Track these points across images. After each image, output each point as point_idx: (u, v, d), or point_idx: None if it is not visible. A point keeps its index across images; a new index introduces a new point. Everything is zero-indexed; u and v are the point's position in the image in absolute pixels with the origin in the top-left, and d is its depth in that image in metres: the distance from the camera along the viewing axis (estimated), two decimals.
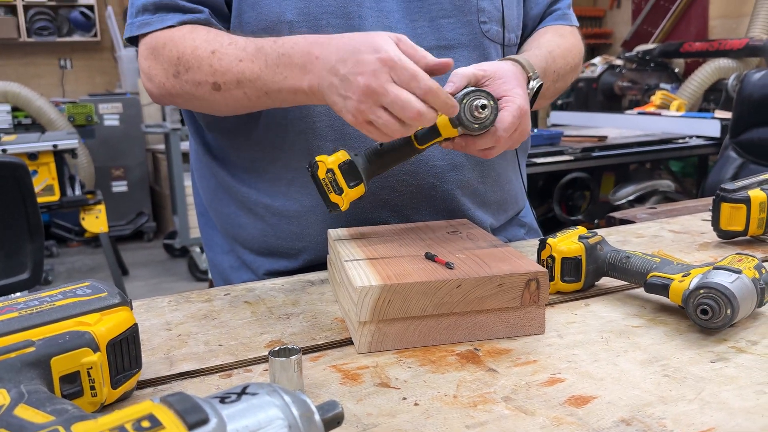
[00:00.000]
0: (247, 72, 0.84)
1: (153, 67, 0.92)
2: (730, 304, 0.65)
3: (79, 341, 0.52)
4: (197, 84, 0.88)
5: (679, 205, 1.35)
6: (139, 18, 0.94)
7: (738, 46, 3.58)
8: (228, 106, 0.90)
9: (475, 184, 1.01)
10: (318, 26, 0.90)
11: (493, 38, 0.99)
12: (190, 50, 0.87)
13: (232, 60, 0.85)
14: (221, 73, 0.85)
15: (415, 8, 0.94)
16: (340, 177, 0.79)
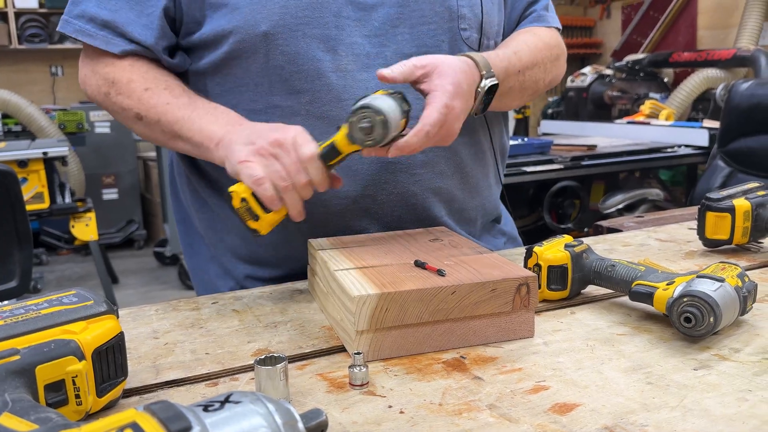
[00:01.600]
0: (170, 115, 0.91)
1: (89, 77, 0.98)
2: (713, 312, 0.66)
3: (64, 349, 0.52)
4: (123, 108, 0.95)
5: (666, 213, 1.36)
6: (82, 24, 0.95)
7: (726, 57, 3.62)
8: (145, 135, 0.98)
9: (454, 191, 1.01)
10: (294, 38, 0.89)
11: (472, 45, 0.98)
12: (125, 81, 0.94)
13: (161, 101, 0.92)
14: (146, 108, 0.93)
15: (396, 15, 0.94)
16: (254, 204, 0.79)
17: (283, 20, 0.89)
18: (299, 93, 0.91)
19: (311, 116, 0.92)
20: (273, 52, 0.90)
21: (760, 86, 2.54)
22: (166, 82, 0.94)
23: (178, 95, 0.92)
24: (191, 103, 0.91)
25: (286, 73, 0.91)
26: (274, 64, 0.91)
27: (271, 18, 0.89)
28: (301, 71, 0.91)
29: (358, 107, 0.77)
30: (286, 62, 0.90)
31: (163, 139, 0.95)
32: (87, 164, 4.90)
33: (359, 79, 0.91)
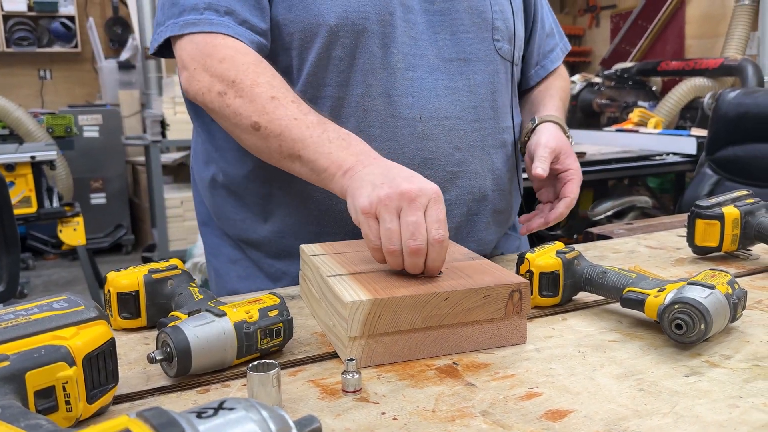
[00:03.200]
0: (295, 131, 0.84)
1: (199, 73, 0.90)
2: (704, 318, 0.67)
3: (54, 355, 0.51)
4: (238, 114, 0.87)
5: (656, 221, 1.37)
6: (185, 17, 0.90)
7: (713, 66, 3.66)
8: (254, 147, 0.90)
9: (486, 191, 1.04)
10: (357, 32, 0.92)
11: (504, 55, 1.04)
12: (250, 83, 0.87)
13: (287, 114, 0.85)
14: (269, 118, 0.85)
15: (438, 21, 0.99)
16: (115, 303, 0.76)
17: (346, 13, 0.92)
18: (352, 85, 0.94)
19: (359, 108, 0.95)
20: (334, 43, 0.92)
21: (747, 95, 2.57)
22: (293, 94, 0.88)
23: (306, 112, 0.86)
24: (321, 123, 0.85)
25: (343, 64, 0.94)
26: (333, 55, 0.93)
27: (336, 10, 0.91)
28: (356, 64, 0.94)
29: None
30: (345, 54, 0.93)
31: (276, 156, 0.88)
32: (75, 168, 4.86)
33: (406, 78, 0.96)
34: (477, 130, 1.01)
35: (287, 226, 1.00)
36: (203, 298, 0.73)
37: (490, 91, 1.02)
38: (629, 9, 4.63)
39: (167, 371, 0.64)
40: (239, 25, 0.90)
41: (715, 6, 4.06)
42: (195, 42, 0.90)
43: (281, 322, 0.68)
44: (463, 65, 1.00)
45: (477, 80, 1.01)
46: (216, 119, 0.93)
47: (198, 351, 0.62)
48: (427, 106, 0.96)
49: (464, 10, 0.99)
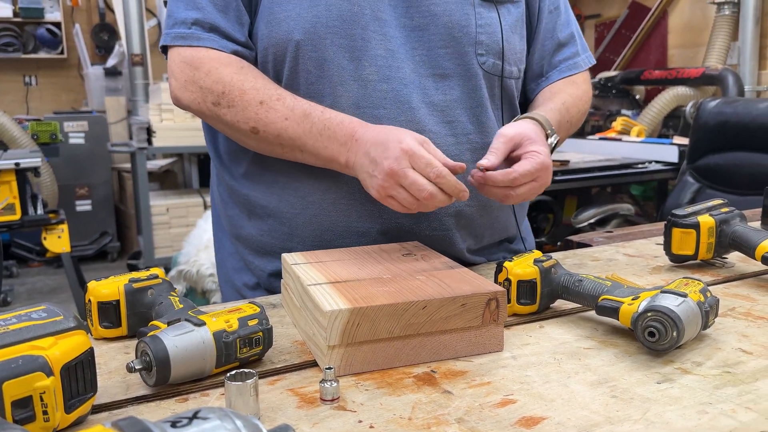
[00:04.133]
0: (290, 131, 0.93)
1: (190, 87, 0.98)
2: (676, 326, 0.68)
3: (32, 365, 0.51)
4: (236, 121, 0.95)
5: (635, 229, 1.39)
6: (175, 30, 0.99)
7: (695, 75, 3.71)
8: (258, 148, 0.99)
9: (460, 206, 1.04)
10: (323, 46, 0.95)
11: (489, 70, 1.04)
12: (238, 92, 0.94)
13: (278, 116, 0.93)
14: (264, 124, 0.94)
15: (415, 37, 1.00)
16: (95, 313, 0.77)
17: (314, 29, 0.95)
18: (321, 96, 0.97)
19: None
20: (302, 57, 0.96)
21: (727, 105, 2.61)
22: (276, 91, 0.95)
23: (292, 107, 0.93)
24: (306, 116, 0.93)
25: (312, 77, 0.97)
26: (302, 68, 0.97)
27: (304, 27, 0.95)
28: (325, 77, 0.96)
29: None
30: (313, 67, 0.97)
31: (281, 153, 0.97)
32: (60, 175, 4.83)
33: (378, 89, 0.97)
34: (454, 144, 1.01)
35: (266, 225, 1.04)
36: (183, 307, 0.74)
37: (470, 105, 1.03)
38: (613, 18, 4.69)
39: (146, 380, 0.64)
40: (222, 38, 0.98)
41: (697, 16, 4.12)
42: (182, 55, 0.99)
43: (261, 332, 0.68)
44: (439, 80, 1.00)
45: (454, 95, 1.01)
46: (214, 126, 1.02)
47: (177, 360, 0.63)
48: (398, 118, 0.97)
49: (443, 25, 0.99)
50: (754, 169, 2.45)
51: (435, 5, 0.99)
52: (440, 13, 0.99)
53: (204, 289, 3.04)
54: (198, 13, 0.97)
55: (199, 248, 3.11)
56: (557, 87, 1.13)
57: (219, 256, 1.18)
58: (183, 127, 4.28)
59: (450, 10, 1.00)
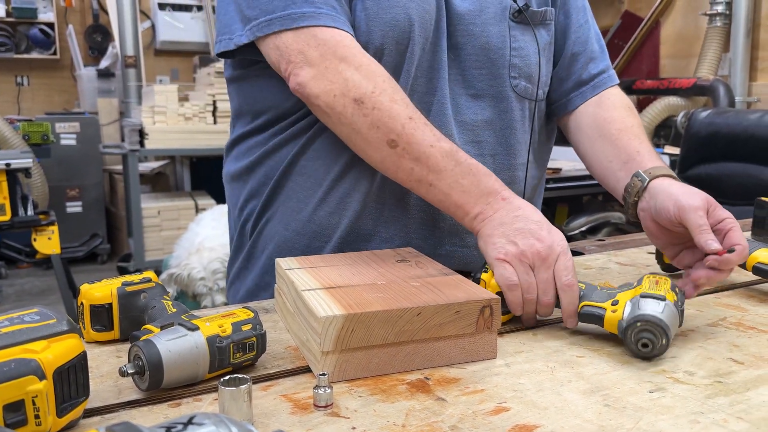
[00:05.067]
0: (432, 160, 0.86)
1: (330, 76, 0.87)
2: (665, 334, 0.69)
3: (24, 369, 0.51)
4: (376, 127, 0.86)
5: (627, 237, 1.40)
6: (297, 9, 0.87)
7: (687, 85, 3.74)
8: (377, 159, 0.89)
9: None
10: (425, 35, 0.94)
11: (521, 93, 1.04)
12: (388, 99, 0.86)
13: (424, 139, 0.86)
14: (407, 141, 0.86)
15: (453, 55, 1.00)
16: (87, 316, 0.76)
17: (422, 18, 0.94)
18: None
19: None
20: (414, 43, 0.94)
21: (718, 115, 2.64)
22: (424, 117, 0.89)
23: (439, 138, 0.87)
24: (453, 153, 0.86)
25: (425, 63, 0.96)
26: (411, 54, 0.94)
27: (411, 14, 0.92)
28: (434, 68, 0.96)
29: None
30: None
31: (403, 177, 0.88)
32: (51, 176, 4.81)
33: (425, 102, 0.97)
34: None
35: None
36: (176, 311, 0.73)
37: (501, 127, 1.02)
38: (606, 28, 4.72)
39: (139, 385, 0.64)
40: (347, 23, 0.89)
41: (689, 27, 4.16)
42: (319, 38, 0.87)
43: (254, 337, 0.68)
44: (471, 101, 1.00)
45: (486, 116, 1.01)
46: (335, 125, 0.90)
47: (170, 365, 0.62)
48: None
49: (480, 47, 0.99)
50: (745, 179, 2.47)
51: (473, 25, 0.99)
52: (478, 34, 0.99)
53: (195, 292, 3.02)
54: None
55: (190, 251, 3.10)
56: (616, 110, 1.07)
57: (231, 251, 1.11)
58: (175, 129, 4.26)
59: (487, 32, 0.99)
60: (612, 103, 1.09)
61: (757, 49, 3.74)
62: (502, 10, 1.01)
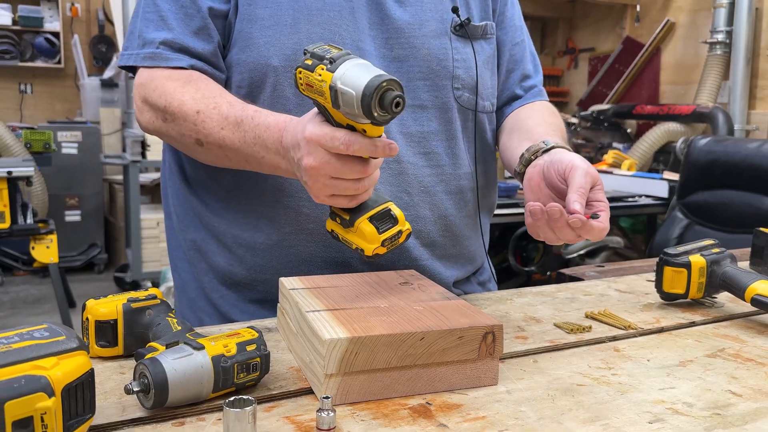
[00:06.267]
0: (228, 141, 0.90)
1: (145, 107, 0.97)
2: None
3: (34, 386, 0.52)
4: (182, 135, 0.94)
5: (626, 264, 1.41)
6: (145, 50, 0.98)
7: (686, 112, 3.77)
8: (211, 160, 0.97)
9: (434, 236, 1.05)
10: None
11: (464, 104, 1.06)
12: (177, 104, 0.92)
13: (214, 126, 0.90)
14: (204, 134, 0.91)
15: (395, 68, 1.01)
16: (92, 331, 0.77)
17: (294, 55, 0.95)
18: None
19: None
20: (281, 83, 0.96)
21: (717, 143, 2.66)
22: (214, 98, 0.91)
23: (226, 114, 0.89)
24: (238, 124, 0.88)
25: (291, 104, 0.97)
26: (280, 95, 0.97)
27: (284, 53, 0.95)
28: (304, 104, 0.96)
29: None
30: (292, 94, 0.97)
31: (230, 164, 0.94)
32: (51, 184, 4.81)
33: None
34: (429, 175, 1.02)
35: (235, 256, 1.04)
36: (181, 329, 0.74)
37: (446, 138, 1.04)
38: (607, 53, 4.77)
39: (143, 403, 0.64)
40: (192, 58, 0.97)
41: (689, 55, 4.20)
42: (142, 77, 0.98)
43: (258, 357, 0.69)
44: (417, 111, 1.02)
45: (432, 127, 1.02)
46: (171, 144, 1.01)
47: (175, 384, 0.63)
48: None
49: (422, 58, 1.01)
50: (743, 208, 2.49)
51: (414, 38, 1.01)
52: (419, 46, 1.01)
53: None
54: (168, 33, 0.96)
55: None
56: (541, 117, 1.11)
57: (179, 280, 1.13)
58: None
59: (429, 44, 1.02)
60: (535, 106, 1.15)
61: (757, 77, 3.77)
62: (443, 23, 1.04)
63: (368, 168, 0.76)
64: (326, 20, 0.97)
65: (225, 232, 1.03)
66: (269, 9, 0.96)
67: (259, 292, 1.03)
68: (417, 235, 1.02)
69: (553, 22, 5.23)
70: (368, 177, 0.77)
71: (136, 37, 0.99)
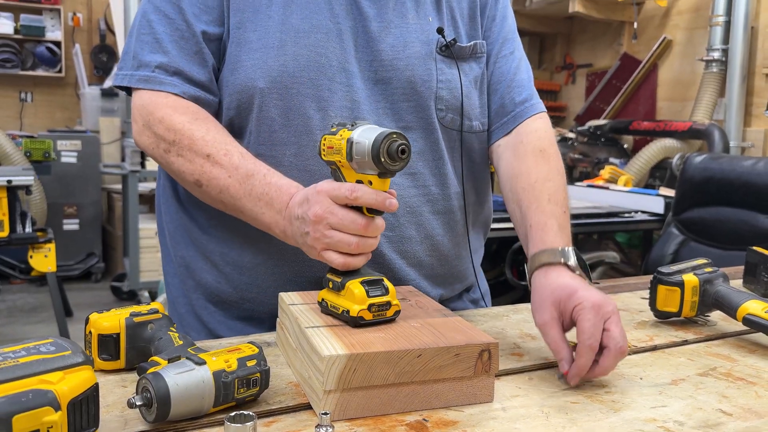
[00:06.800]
0: (232, 190, 0.93)
1: (146, 132, 0.99)
2: None
3: (41, 400, 0.53)
4: (182, 171, 0.96)
5: (621, 281, 1.42)
6: (140, 72, 0.99)
7: (682, 128, 3.80)
8: (201, 197, 0.99)
9: (421, 256, 1.05)
10: (289, 95, 0.97)
11: (447, 125, 1.06)
12: (187, 142, 0.95)
13: (222, 172, 0.93)
14: (207, 178, 0.94)
15: (379, 90, 1.02)
16: (95, 345, 0.79)
17: (280, 77, 0.97)
18: (286, 145, 0.98)
19: (294, 168, 0.98)
20: (266, 105, 0.97)
21: (713, 160, 2.69)
22: (226, 145, 0.94)
23: (237, 165, 0.92)
24: (248, 177, 0.91)
25: (276, 125, 0.98)
26: (266, 116, 0.98)
27: (270, 75, 0.97)
28: (290, 125, 0.98)
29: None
30: (278, 115, 0.98)
31: (224, 209, 0.97)
32: (50, 193, 4.82)
33: None
34: (415, 196, 1.03)
35: (223, 274, 1.06)
36: (183, 344, 0.75)
37: (433, 158, 1.05)
38: (605, 69, 4.81)
39: (145, 417, 0.65)
40: (185, 83, 0.98)
41: (686, 72, 4.24)
42: (143, 99, 0.99)
43: (259, 372, 0.70)
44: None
45: (417, 147, 1.03)
46: (166, 171, 1.02)
47: (177, 398, 0.64)
48: None
49: (406, 80, 1.02)
50: (737, 225, 2.51)
51: (398, 60, 1.02)
52: (403, 68, 1.02)
53: None
54: (163, 56, 0.97)
55: None
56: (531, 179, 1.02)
57: (170, 295, 1.14)
58: None
59: (412, 65, 1.02)
60: (524, 150, 1.06)
61: (752, 95, 3.81)
62: (428, 44, 1.04)
63: (368, 226, 0.79)
64: (313, 42, 0.98)
65: (213, 250, 1.04)
66: (258, 32, 0.98)
67: (246, 310, 1.04)
68: (403, 255, 1.03)
69: (552, 38, 5.28)
70: (365, 239, 0.79)
71: (131, 57, 1.00)
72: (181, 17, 0.98)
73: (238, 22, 0.99)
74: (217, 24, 0.99)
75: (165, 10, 0.99)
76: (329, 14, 0.99)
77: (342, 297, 0.79)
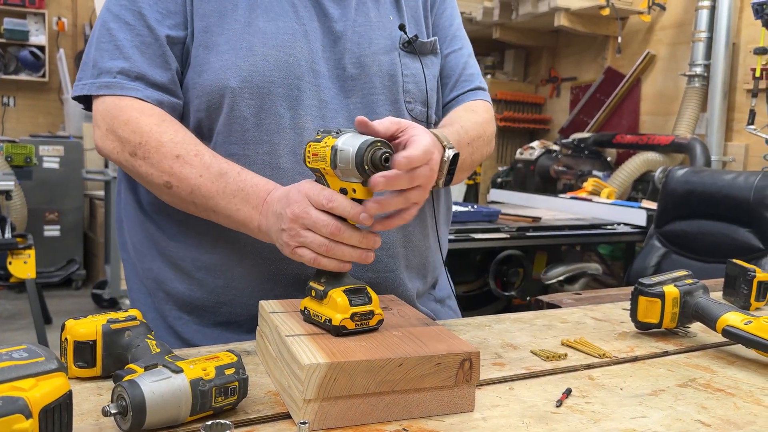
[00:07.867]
0: (203, 189, 0.93)
1: (110, 136, 0.97)
2: None
3: (12, 407, 0.52)
4: (150, 174, 0.95)
5: (603, 292, 1.43)
6: (100, 79, 0.98)
7: (665, 142, 3.84)
8: (172, 202, 0.98)
9: (397, 247, 1.07)
10: (260, 94, 0.98)
11: (416, 117, 1.10)
12: (155, 144, 0.93)
13: (193, 172, 0.93)
14: (178, 179, 0.93)
15: (350, 86, 1.05)
16: (71, 351, 0.78)
17: (251, 77, 0.97)
18: (258, 144, 0.99)
19: (267, 166, 0.99)
20: (238, 105, 0.98)
21: (695, 174, 2.72)
22: (196, 146, 0.94)
23: (208, 165, 0.92)
24: (221, 175, 0.92)
25: (249, 124, 0.98)
26: (238, 116, 0.98)
27: (241, 75, 0.97)
28: (262, 125, 0.99)
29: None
30: (250, 115, 0.98)
31: (195, 210, 0.96)
32: (31, 199, 4.76)
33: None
34: None
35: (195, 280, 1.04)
36: (160, 351, 0.74)
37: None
38: (589, 82, 4.86)
39: (120, 425, 0.64)
40: (148, 87, 0.98)
41: (669, 86, 4.29)
42: (105, 104, 0.98)
43: (237, 381, 0.69)
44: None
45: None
46: (133, 177, 1.01)
47: (153, 407, 0.63)
48: None
49: (375, 74, 1.05)
50: (718, 238, 2.53)
51: (365, 56, 1.05)
52: (370, 63, 1.05)
53: None
54: (125, 62, 0.97)
55: None
56: (455, 114, 1.12)
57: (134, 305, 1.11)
58: None
59: (379, 60, 1.06)
60: (456, 107, 1.14)
61: (733, 110, 3.86)
62: (391, 39, 1.08)
63: (342, 231, 0.79)
64: (281, 43, 0.99)
65: (183, 257, 1.03)
66: (225, 35, 0.99)
67: (223, 315, 1.03)
68: (384, 246, 1.04)
69: (537, 52, 5.32)
70: (338, 244, 0.80)
71: (90, 66, 0.99)
72: (143, 23, 0.98)
73: (204, 27, 0.99)
74: (181, 28, 1.00)
75: (124, 18, 0.98)
76: (294, 16, 1.02)
77: (325, 306, 0.79)
